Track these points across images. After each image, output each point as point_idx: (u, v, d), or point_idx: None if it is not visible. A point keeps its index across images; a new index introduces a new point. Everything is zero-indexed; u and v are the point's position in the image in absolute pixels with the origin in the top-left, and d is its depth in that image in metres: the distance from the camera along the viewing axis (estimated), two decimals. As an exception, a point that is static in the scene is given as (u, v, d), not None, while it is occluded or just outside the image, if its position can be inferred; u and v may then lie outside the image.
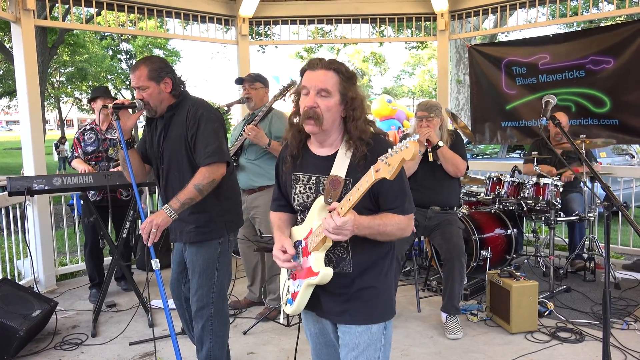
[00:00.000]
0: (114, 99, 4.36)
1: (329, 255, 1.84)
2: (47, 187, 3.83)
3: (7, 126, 64.17)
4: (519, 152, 9.41)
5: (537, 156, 4.78)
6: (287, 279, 1.97)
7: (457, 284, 3.76)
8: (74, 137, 4.62)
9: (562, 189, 4.59)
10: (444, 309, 3.80)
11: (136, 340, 3.71)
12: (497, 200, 4.75)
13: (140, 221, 2.77)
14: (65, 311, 4.31)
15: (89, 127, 4.59)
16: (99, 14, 12.38)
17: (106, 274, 4.24)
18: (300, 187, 1.91)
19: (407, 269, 5.04)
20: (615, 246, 5.49)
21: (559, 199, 4.47)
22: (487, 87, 6.07)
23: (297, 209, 1.95)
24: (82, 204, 4.45)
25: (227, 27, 6.34)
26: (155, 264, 2.65)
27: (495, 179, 4.87)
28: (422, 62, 36.41)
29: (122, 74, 28.16)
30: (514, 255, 4.96)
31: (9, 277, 4.47)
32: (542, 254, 5.02)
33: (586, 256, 4.82)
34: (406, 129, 15.61)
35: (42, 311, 3.71)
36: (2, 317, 3.41)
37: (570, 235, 5.15)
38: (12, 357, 3.43)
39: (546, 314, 3.93)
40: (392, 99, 21.80)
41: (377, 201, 1.84)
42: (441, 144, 3.80)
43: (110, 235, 4.26)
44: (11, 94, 22.38)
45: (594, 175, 2.27)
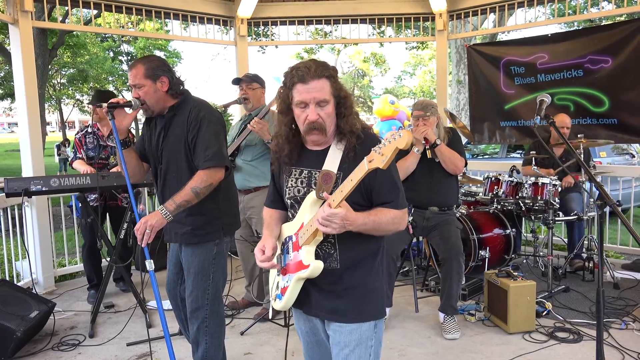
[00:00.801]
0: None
1: (317, 251, 1.84)
2: (44, 189, 3.83)
3: (8, 128, 64.31)
4: (520, 152, 9.39)
5: (536, 156, 4.77)
6: (277, 275, 1.98)
7: (455, 284, 3.75)
8: (75, 138, 4.58)
9: (560, 189, 4.58)
10: (442, 309, 3.79)
11: (133, 341, 3.71)
12: (495, 200, 4.75)
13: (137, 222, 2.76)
14: (63, 312, 4.31)
15: (90, 129, 4.54)
16: (98, 16, 12.41)
17: (104, 275, 4.24)
18: (292, 181, 1.93)
19: (406, 269, 5.04)
20: (614, 246, 5.48)
21: (557, 199, 4.46)
22: (486, 87, 6.07)
23: (288, 202, 1.96)
24: (80, 205, 4.45)
25: (226, 28, 6.35)
26: (149, 265, 2.64)
27: (493, 179, 4.86)
28: (422, 62, 36.41)
29: (123, 75, 28.22)
30: (513, 255, 4.95)
31: (7, 278, 4.48)
32: (541, 253, 5.01)
33: (585, 256, 4.81)
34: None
35: (39, 312, 3.71)
36: (0, 318, 3.42)
37: (569, 235, 5.14)
38: (10, 358, 3.43)
39: (544, 313, 3.92)
40: (395, 99, 21.77)
41: (369, 197, 1.84)
42: (439, 142, 3.80)
43: (109, 236, 4.27)
44: (13, 95, 22.43)
45: (590, 176, 2.26)
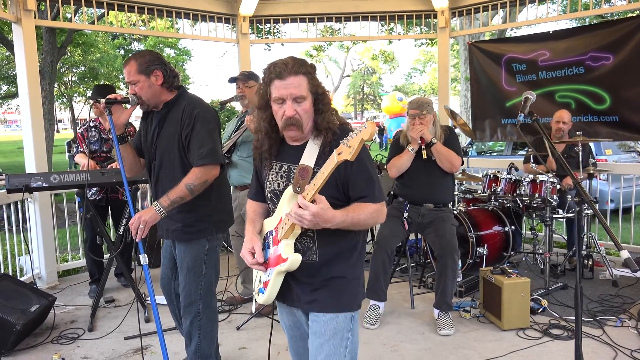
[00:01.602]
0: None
1: (296, 244, 1.87)
2: (44, 184, 3.89)
3: (20, 126, 64.99)
4: (526, 149, 9.33)
5: (535, 154, 4.76)
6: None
7: (450, 281, 3.77)
8: (78, 132, 4.65)
9: (559, 187, 4.57)
10: (437, 306, 3.80)
11: (131, 335, 3.77)
12: (493, 197, 4.74)
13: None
14: (64, 306, 4.38)
15: (92, 124, 4.61)
16: (105, 15, 12.52)
17: (104, 270, 4.31)
18: (272, 175, 1.97)
19: (404, 265, 5.05)
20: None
21: (555, 196, 4.45)
22: (487, 84, 6.06)
23: (268, 196, 1.99)
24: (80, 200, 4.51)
25: (229, 26, 6.39)
26: (143, 259, 2.69)
27: (492, 176, 4.86)
28: (433, 59, 36.27)
29: (134, 73, 28.28)
30: (512, 252, 4.94)
31: (11, 273, 4.56)
32: (540, 251, 5.00)
33: (584, 253, 4.79)
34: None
35: (40, 306, 3.78)
36: (0, 312, 3.49)
37: (568, 232, 5.13)
38: (10, 350, 3.50)
39: (540, 311, 3.92)
40: (403, 96, 21.80)
41: (346, 192, 1.86)
42: (435, 140, 3.81)
43: (110, 230, 4.32)
44: (24, 93, 22.63)
45: (570, 174, 2.21)
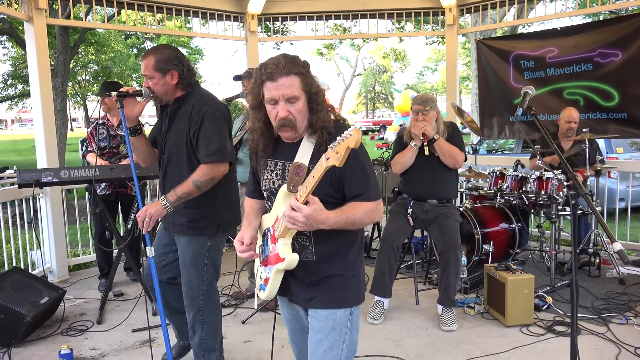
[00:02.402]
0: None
1: (293, 243, 1.89)
2: (55, 180, 3.98)
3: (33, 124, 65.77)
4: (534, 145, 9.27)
5: (541, 150, 4.75)
6: (259, 266, 2.03)
7: (453, 277, 3.78)
8: (87, 132, 4.74)
9: (565, 183, 4.55)
10: (440, 302, 3.82)
11: (139, 327, 3.83)
12: (499, 194, 4.74)
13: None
14: (74, 300, 4.46)
15: (101, 121, 4.68)
16: (118, 14, 12.66)
17: (113, 264, 4.38)
18: (267, 173, 1.97)
19: (409, 262, 5.07)
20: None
21: (561, 193, 4.43)
22: (495, 82, 6.05)
23: (265, 194, 2.01)
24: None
25: (238, 24, 6.44)
26: (149, 251, 2.76)
27: (498, 173, 4.86)
28: (444, 57, 36.10)
29: (147, 72, 28.49)
30: (518, 250, 4.93)
31: (22, 266, 4.65)
32: (547, 248, 4.98)
33: (591, 251, 4.77)
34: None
35: (50, 299, 3.86)
36: (11, 303, 3.57)
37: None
38: (20, 341, 3.58)
39: (544, 308, 3.92)
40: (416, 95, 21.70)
41: (342, 189, 1.86)
42: (437, 137, 3.82)
43: (120, 226, 4.39)
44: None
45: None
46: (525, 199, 4.57)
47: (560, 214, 4.51)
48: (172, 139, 2.80)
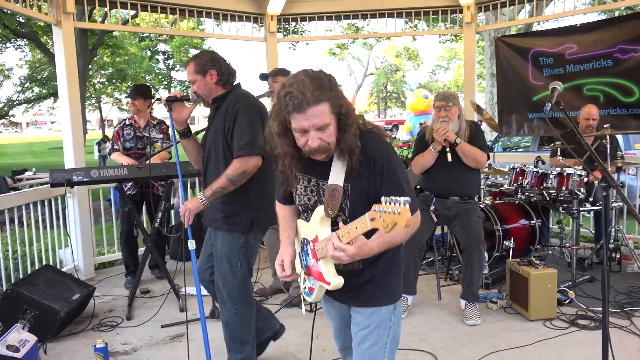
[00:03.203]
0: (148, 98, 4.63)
1: None
2: (85, 179, 4.09)
3: (52, 127, 66.61)
4: (554, 143, 9.22)
5: (561, 147, 4.77)
6: (302, 271, 2.02)
7: (476, 272, 3.82)
8: (114, 130, 4.84)
9: (587, 180, 4.56)
10: (463, 296, 3.86)
11: (168, 323, 3.93)
12: (520, 190, 4.77)
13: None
14: (102, 297, 4.57)
15: (127, 122, 4.79)
16: (135, 16, 12.84)
17: (140, 262, 4.48)
18: (301, 188, 1.93)
19: (430, 259, 5.11)
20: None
21: (582, 189, 4.45)
22: (514, 79, 6.06)
23: (300, 208, 1.99)
24: (118, 195, 4.69)
25: (257, 25, 6.52)
26: (191, 244, 2.93)
27: (518, 170, 4.88)
28: (457, 56, 35.99)
29: (160, 74, 28.82)
30: (538, 246, 4.96)
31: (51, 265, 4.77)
32: (567, 244, 5.00)
33: (612, 247, 4.79)
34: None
35: (81, 295, 3.97)
36: (45, 299, 3.68)
37: (596, 226, 5.12)
38: (54, 336, 3.69)
39: (567, 302, 3.94)
40: (428, 94, 21.71)
41: (377, 201, 1.77)
42: (459, 141, 3.83)
43: (144, 224, 4.49)
44: (56, 95, 23.32)
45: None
46: (546, 195, 4.59)
47: (581, 209, 4.52)
48: (211, 137, 2.92)
